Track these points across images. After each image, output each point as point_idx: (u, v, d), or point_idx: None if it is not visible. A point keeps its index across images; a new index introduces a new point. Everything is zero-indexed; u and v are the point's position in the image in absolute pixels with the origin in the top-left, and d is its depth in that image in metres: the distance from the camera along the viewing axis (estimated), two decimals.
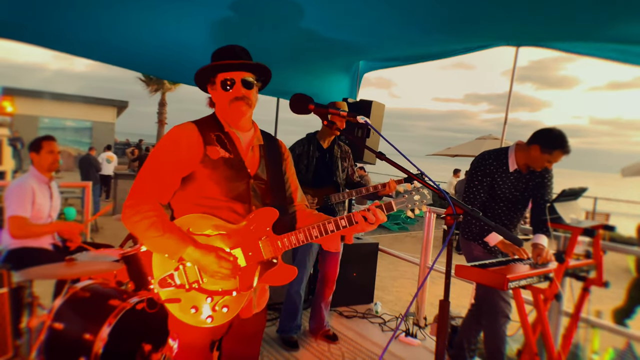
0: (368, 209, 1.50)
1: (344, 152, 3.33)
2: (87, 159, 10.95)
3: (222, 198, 1.54)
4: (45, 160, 3.00)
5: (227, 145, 1.58)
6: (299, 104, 1.46)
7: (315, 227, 1.52)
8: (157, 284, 1.51)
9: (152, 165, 1.51)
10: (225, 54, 1.59)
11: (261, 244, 1.55)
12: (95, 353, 2.12)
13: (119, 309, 2.24)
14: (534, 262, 2.49)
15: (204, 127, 1.57)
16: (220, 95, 1.58)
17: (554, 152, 2.52)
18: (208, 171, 1.52)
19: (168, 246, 1.45)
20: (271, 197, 1.65)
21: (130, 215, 1.46)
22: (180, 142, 1.52)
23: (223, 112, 1.62)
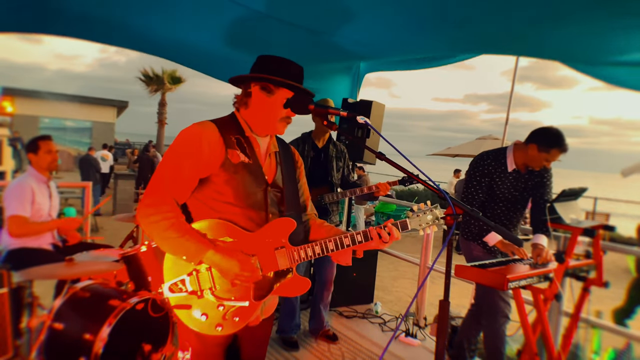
0: (384, 226, 1.50)
1: (339, 151, 3.32)
2: (87, 159, 10.97)
3: (240, 204, 1.50)
4: (44, 160, 3.00)
5: (246, 150, 1.54)
6: (298, 104, 1.46)
7: (331, 241, 1.52)
8: (167, 288, 1.46)
9: (173, 162, 1.45)
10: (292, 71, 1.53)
11: (277, 254, 1.52)
12: (95, 353, 2.12)
13: (119, 309, 2.24)
14: (534, 262, 2.49)
15: (224, 129, 1.52)
16: (275, 109, 1.52)
17: (552, 151, 2.53)
18: (227, 175, 1.48)
19: (188, 248, 1.40)
20: (286, 206, 1.62)
21: (149, 214, 1.40)
22: (202, 141, 1.45)
23: (260, 119, 1.56)
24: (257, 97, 1.54)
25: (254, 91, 1.54)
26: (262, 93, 1.53)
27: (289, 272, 1.56)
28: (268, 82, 1.51)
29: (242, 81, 1.57)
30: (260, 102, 1.53)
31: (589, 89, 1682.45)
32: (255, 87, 1.53)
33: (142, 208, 1.42)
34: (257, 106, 1.54)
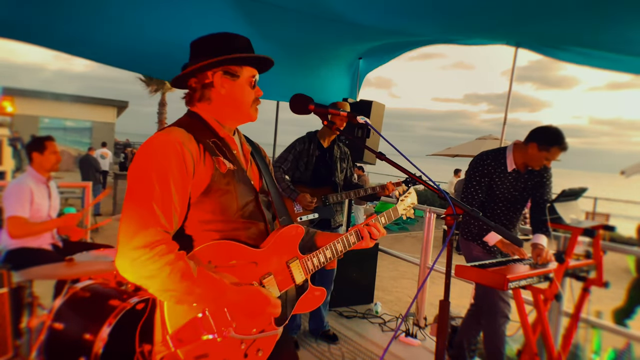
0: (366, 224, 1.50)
1: (343, 152, 3.33)
2: (87, 159, 11.00)
3: (238, 219, 1.29)
4: (49, 160, 3.01)
5: (227, 154, 1.31)
6: (299, 104, 1.45)
7: (339, 242, 1.45)
8: (175, 338, 1.15)
9: (153, 184, 1.13)
10: (244, 44, 1.33)
11: (292, 268, 1.38)
12: (95, 353, 2.12)
13: (119, 309, 2.24)
14: (534, 262, 2.49)
15: (197, 134, 1.26)
16: (244, 93, 1.33)
17: (552, 149, 2.53)
18: (220, 189, 1.25)
19: (202, 296, 1.13)
20: (277, 212, 1.45)
21: (145, 261, 1.07)
22: (183, 153, 1.19)
23: (230, 110, 1.34)
24: (221, 85, 1.31)
25: (216, 79, 1.30)
26: (226, 78, 1.30)
27: (306, 284, 1.43)
28: (230, 64, 1.30)
29: (196, 73, 1.31)
30: (228, 89, 1.31)
31: (589, 89, 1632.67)
32: (216, 75, 1.30)
33: (129, 252, 1.08)
34: (225, 96, 1.31)
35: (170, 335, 1.14)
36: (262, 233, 1.36)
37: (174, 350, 1.15)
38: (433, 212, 3.98)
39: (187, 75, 1.32)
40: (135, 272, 1.09)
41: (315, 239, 1.54)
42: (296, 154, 3.15)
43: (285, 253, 1.37)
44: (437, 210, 3.95)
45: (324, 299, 1.48)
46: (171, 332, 1.14)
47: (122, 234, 1.10)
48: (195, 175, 1.21)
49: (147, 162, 1.16)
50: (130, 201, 1.13)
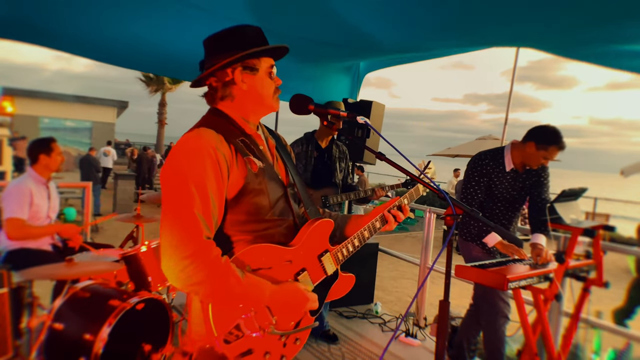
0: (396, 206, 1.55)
1: (341, 152, 3.33)
2: (87, 159, 10.99)
3: (271, 217, 1.32)
4: (56, 162, 3.03)
5: (255, 152, 1.32)
6: (298, 105, 1.45)
7: (365, 229, 1.49)
8: (221, 340, 1.20)
9: (191, 191, 1.14)
10: (255, 33, 1.32)
11: (324, 261, 1.43)
12: (95, 353, 2.12)
13: (119, 309, 2.24)
14: (534, 262, 2.49)
15: (227, 134, 1.26)
16: (266, 85, 1.33)
17: (550, 148, 2.54)
18: (253, 188, 1.26)
19: (247, 296, 1.17)
20: (304, 205, 1.46)
21: (194, 270, 1.10)
22: (217, 155, 1.19)
23: (254, 105, 1.34)
24: (242, 81, 1.31)
25: (237, 76, 1.30)
26: (246, 73, 1.31)
27: (336, 274, 1.48)
28: (248, 59, 1.29)
29: (215, 72, 1.31)
30: (249, 84, 1.31)
31: (588, 89, 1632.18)
32: (236, 71, 1.30)
33: (177, 262, 1.10)
34: (247, 91, 1.32)
35: (217, 337, 1.18)
36: (291, 228, 1.39)
37: (221, 352, 1.20)
38: (433, 212, 3.98)
39: (205, 77, 1.33)
40: (184, 281, 1.11)
41: (346, 226, 1.58)
42: (294, 156, 3.15)
43: (317, 248, 1.41)
44: (437, 210, 3.95)
45: (353, 284, 1.53)
46: (217, 334, 1.18)
47: (167, 244, 1.11)
48: (230, 178, 1.23)
49: (182, 170, 1.16)
50: (171, 211, 1.14)
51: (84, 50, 3.81)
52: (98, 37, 3.46)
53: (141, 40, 3.52)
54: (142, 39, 3.48)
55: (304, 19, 3.06)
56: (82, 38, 3.49)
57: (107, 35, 3.42)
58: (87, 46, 3.71)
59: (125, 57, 4.00)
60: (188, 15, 3.06)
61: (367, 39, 3.42)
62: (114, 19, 3.16)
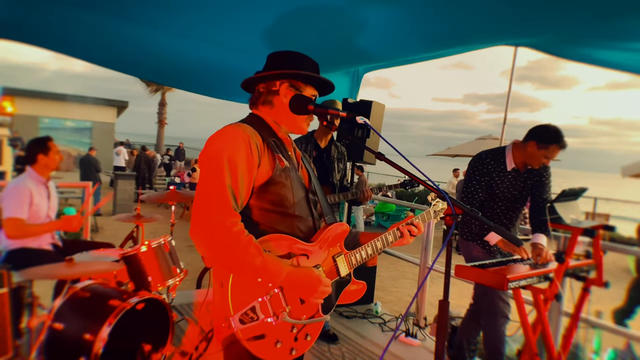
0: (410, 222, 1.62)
1: (340, 153, 3.33)
2: (87, 159, 11.00)
3: (293, 213, 1.43)
4: (54, 161, 3.02)
5: (284, 153, 1.46)
6: (298, 104, 1.45)
7: (379, 240, 1.57)
8: (237, 320, 1.27)
9: (224, 170, 1.27)
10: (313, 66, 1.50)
11: (338, 262, 1.50)
12: (95, 353, 2.12)
13: (119, 309, 2.25)
14: (534, 262, 2.49)
15: (262, 132, 1.41)
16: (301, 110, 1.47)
17: (550, 147, 2.54)
18: (280, 182, 1.39)
19: (266, 268, 1.26)
20: (324, 213, 1.58)
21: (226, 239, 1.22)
22: (251, 144, 1.33)
23: (287, 119, 1.48)
24: (284, 95, 1.46)
25: (282, 89, 1.46)
26: (290, 90, 1.46)
27: (349, 277, 1.55)
28: (298, 80, 1.46)
29: (266, 80, 1.47)
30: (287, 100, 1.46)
31: (588, 89, 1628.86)
32: (283, 85, 1.46)
33: (206, 226, 1.23)
34: (286, 104, 1.46)
35: (233, 316, 1.27)
36: (310, 228, 1.49)
37: (236, 330, 1.27)
38: None
39: (258, 79, 1.48)
40: (210, 244, 1.23)
41: (359, 237, 1.67)
42: None
43: (333, 248, 1.50)
44: None
45: (364, 293, 1.60)
46: (233, 314, 1.27)
47: (197, 211, 1.24)
48: (260, 166, 1.35)
49: (219, 151, 1.30)
50: (206, 184, 1.28)
51: (83, 53, 3.81)
52: (97, 40, 3.45)
53: (140, 47, 3.52)
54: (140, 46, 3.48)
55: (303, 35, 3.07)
56: (81, 41, 3.49)
57: (105, 39, 3.42)
58: (86, 49, 3.71)
59: (124, 62, 4.00)
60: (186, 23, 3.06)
61: (365, 52, 3.44)
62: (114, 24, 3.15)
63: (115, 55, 3.80)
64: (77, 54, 3.80)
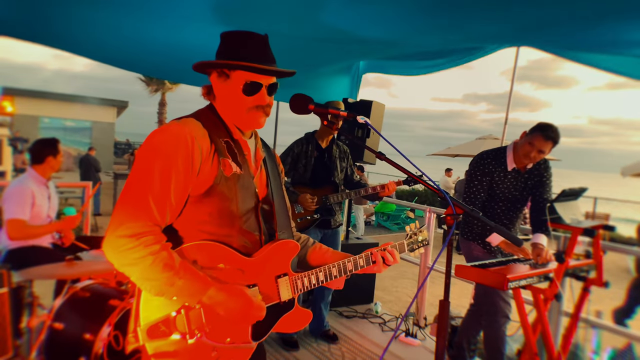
0: (383, 248, 1.44)
1: (342, 152, 3.33)
2: (86, 159, 11.00)
3: (235, 225, 1.25)
4: (59, 163, 3.07)
5: (237, 157, 1.28)
6: (298, 104, 1.45)
7: (335, 266, 1.38)
8: (145, 332, 1.12)
9: (158, 174, 1.12)
10: (254, 49, 1.26)
11: (280, 284, 1.32)
12: (95, 353, 2.12)
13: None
14: (534, 262, 2.49)
15: (212, 131, 1.24)
16: (237, 98, 1.27)
17: (534, 135, 2.56)
18: (221, 192, 1.22)
19: (181, 288, 1.11)
20: (277, 225, 1.38)
21: (128, 249, 1.07)
22: (194, 147, 1.16)
23: (229, 112, 1.30)
24: (216, 86, 1.30)
25: (213, 79, 1.30)
26: (219, 80, 1.28)
27: (292, 303, 1.36)
28: (219, 67, 1.27)
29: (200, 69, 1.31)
30: (221, 91, 1.29)
31: (588, 89, 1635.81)
32: (213, 74, 1.29)
33: (115, 239, 1.08)
34: (220, 97, 1.30)
35: (141, 327, 1.13)
36: (255, 244, 1.31)
37: (142, 344, 1.13)
38: (433, 212, 3.98)
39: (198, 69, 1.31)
40: (118, 259, 1.10)
41: (308, 257, 1.49)
42: (294, 155, 3.15)
43: (276, 267, 1.33)
44: (437, 210, 3.95)
45: (308, 323, 1.41)
46: (142, 325, 1.13)
47: (112, 220, 1.11)
48: (200, 174, 1.19)
49: (154, 150, 1.15)
50: (128, 189, 1.13)
51: (84, 49, 3.80)
52: (98, 37, 3.45)
53: (140, 43, 3.52)
54: (141, 41, 3.47)
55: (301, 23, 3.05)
56: (82, 37, 3.49)
57: (106, 35, 3.42)
58: (87, 46, 3.71)
59: (125, 59, 4.00)
60: (186, 20, 3.06)
61: (365, 42, 3.42)
62: (113, 20, 3.15)
63: (115, 51, 3.79)
64: (78, 50, 3.79)
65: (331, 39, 3.33)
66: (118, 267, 1.11)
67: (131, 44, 3.55)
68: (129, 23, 3.16)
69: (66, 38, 3.52)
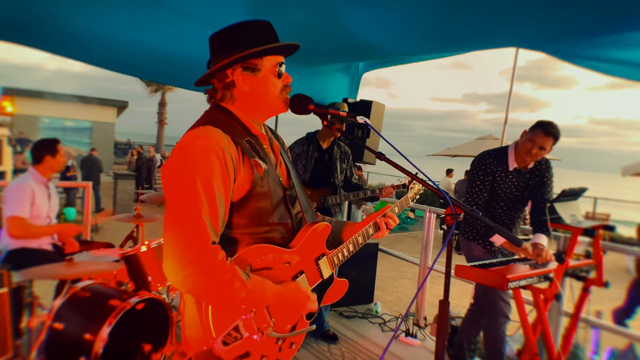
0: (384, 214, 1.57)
1: (343, 153, 3.33)
2: (89, 159, 11.03)
3: (273, 221, 1.30)
4: (59, 163, 3.06)
5: (260, 153, 1.28)
6: (298, 104, 1.44)
7: (360, 235, 1.51)
8: (220, 343, 1.16)
9: (199, 194, 1.09)
10: (263, 30, 1.25)
11: (321, 265, 1.42)
12: (95, 353, 2.12)
13: (119, 309, 2.24)
14: (534, 262, 2.49)
15: (234, 134, 1.21)
16: (271, 85, 1.26)
17: (535, 132, 2.58)
18: (259, 192, 1.23)
19: (250, 298, 1.14)
20: (302, 209, 1.45)
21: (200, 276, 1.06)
22: (225, 157, 1.14)
23: (258, 106, 1.29)
24: (242, 82, 1.25)
25: (236, 77, 1.24)
26: (246, 74, 1.24)
27: (331, 278, 1.48)
28: (248, 59, 1.22)
29: (215, 73, 1.26)
30: (251, 86, 1.25)
31: (588, 89, 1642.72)
32: (236, 73, 1.24)
33: (183, 268, 1.05)
34: (249, 93, 1.26)
35: (215, 339, 1.15)
36: (289, 230, 1.37)
37: (220, 354, 1.16)
38: (433, 212, 3.98)
39: (207, 77, 1.27)
40: (188, 287, 1.07)
41: (341, 233, 1.59)
42: (294, 156, 3.16)
43: (314, 251, 1.41)
44: (437, 210, 3.95)
45: (345, 291, 1.54)
46: (215, 335, 1.15)
47: (172, 249, 1.06)
48: (237, 181, 1.19)
49: (189, 169, 1.10)
50: (176, 214, 1.08)
51: (80, 54, 3.80)
52: (94, 41, 3.44)
53: (138, 46, 3.51)
54: (139, 45, 3.47)
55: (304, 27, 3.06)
56: (79, 42, 3.48)
57: (103, 40, 3.41)
58: (84, 50, 3.70)
59: (123, 62, 4.00)
60: (184, 23, 3.05)
61: (366, 46, 3.42)
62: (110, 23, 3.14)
63: (114, 56, 3.79)
64: (76, 55, 3.80)
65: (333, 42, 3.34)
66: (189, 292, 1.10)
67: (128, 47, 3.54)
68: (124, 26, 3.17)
69: (61, 42, 3.51)
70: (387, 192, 3.15)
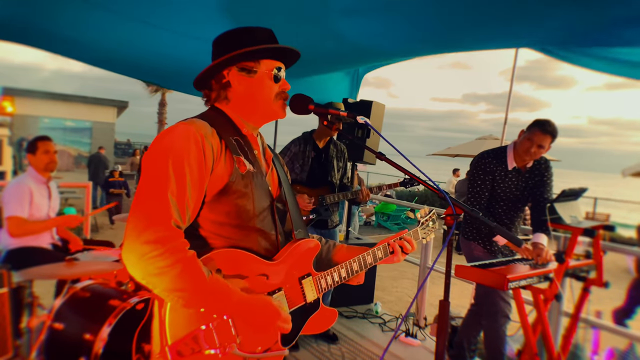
0: (400, 237, 1.46)
1: (339, 151, 3.33)
2: (97, 157, 11.13)
3: (252, 226, 1.21)
4: (41, 160, 3.00)
5: (248, 154, 1.24)
6: (299, 104, 1.44)
7: (355, 261, 1.38)
8: (174, 350, 1.05)
9: (168, 174, 1.05)
10: (264, 35, 1.25)
11: (304, 285, 1.29)
12: (95, 353, 2.12)
13: (119, 309, 2.24)
14: (534, 262, 2.49)
15: (220, 129, 1.19)
16: (266, 88, 1.25)
17: (533, 131, 2.58)
18: (237, 189, 1.17)
19: (211, 300, 1.05)
20: (293, 225, 1.35)
21: (155, 257, 0.99)
22: (204, 145, 1.11)
23: (252, 108, 1.26)
24: (238, 83, 1.24)
25: (232, 77, 1.23)
26: (242, 75, 1.23)
27: (317, 304, 1.33)
28: (245, 60, 1.22)
29: (212, 74, 1.25)
30: (245, 87, 1.24)
31: (587, 89, 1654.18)
32: (231, 73, 1.23)
33: (139, 246, 0.99)
34: (243, 94, 1.25)
35: (170, 346, 1.05)
36: (273, 244, 1.28)
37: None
38: None
39: (204, 78, 1.26)
40: (143, 269, 1.00)
41: (333, 254, 1.47)
42: (291, 155, 3.16)
43: (299, 268, 1.30)
44: (437, 210, 3.94)
45: (334, 322, 1.40)
46: (170, 343, 1.06)
47: (132, 226, 1.01)
48: (214, 172, 1.14)
49: (164, 150, 1.08)
50: (143, 190, 1.05)
51: (81, 54, 3.80)
52: (95, 41, 3.44)
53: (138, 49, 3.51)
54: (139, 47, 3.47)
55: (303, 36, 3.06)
56: (79, 41, 3.47)
57: (104, 41, 3.40)
58: (84, 50, 3.70)
59: (123, 63, 3.99)
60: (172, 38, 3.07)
61: (366, 50, 3.42)
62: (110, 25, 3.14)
63: (115, 57, 3.79)
64: (76, 55, 3.79)
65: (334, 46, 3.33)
66: (141, 278, 1.01)
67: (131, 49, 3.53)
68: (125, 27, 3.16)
69: (61, 42, 3.51)
70: (363, 194, 3.11)
